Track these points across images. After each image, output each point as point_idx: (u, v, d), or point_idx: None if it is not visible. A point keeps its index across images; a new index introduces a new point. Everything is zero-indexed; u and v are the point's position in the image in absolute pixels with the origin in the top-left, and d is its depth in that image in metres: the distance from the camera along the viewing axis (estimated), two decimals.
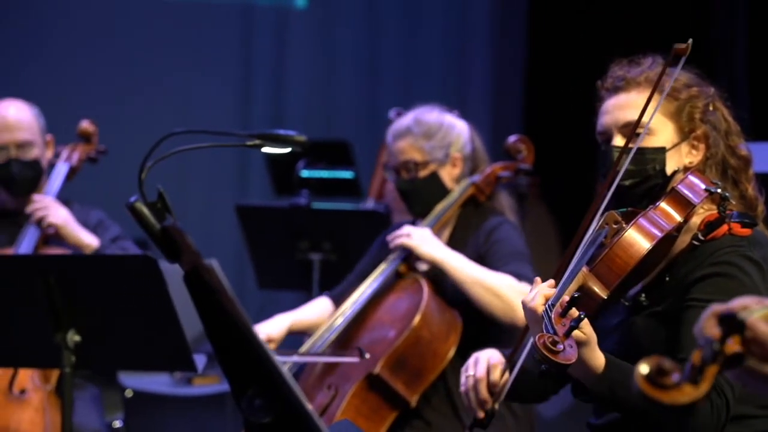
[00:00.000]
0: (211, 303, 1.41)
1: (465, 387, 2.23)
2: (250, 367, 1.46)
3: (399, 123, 3.09)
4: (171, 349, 2.62)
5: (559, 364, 1.78)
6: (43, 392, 3.07)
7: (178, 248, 1.44)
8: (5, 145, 3.33)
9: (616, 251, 1.96)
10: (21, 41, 6.40)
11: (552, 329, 1.81)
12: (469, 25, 6.84)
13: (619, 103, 2.16)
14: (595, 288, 1.95)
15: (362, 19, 6.82)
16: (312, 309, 3.18)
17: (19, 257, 3.04)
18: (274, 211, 4.19)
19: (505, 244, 2.94)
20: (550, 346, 1.77)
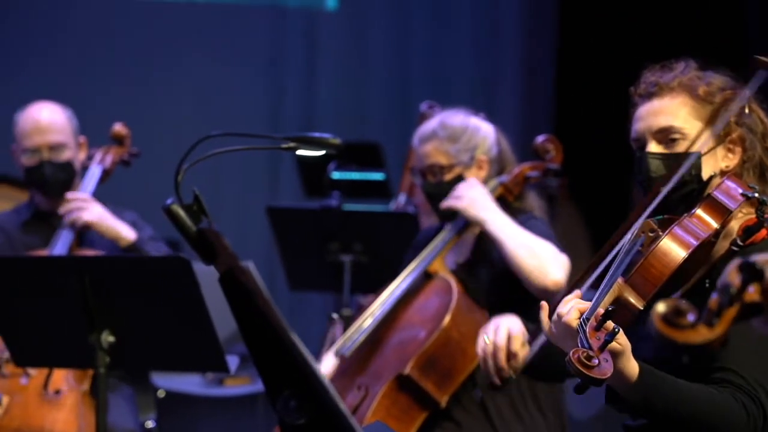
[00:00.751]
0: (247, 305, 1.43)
1: (483, 352, 2.23)
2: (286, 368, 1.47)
3: (425, 127, 3.10)
4: (204, 350, 2.64)
5: (594, 379, 1.76)
6: (78, 392, 3.10)
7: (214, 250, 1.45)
8: (38, 148, 3.37)
9: (651, 261, 1.95)
10: (55, 44, 6.46)
11: (587, 344, 1.80)
12: (499, 25, 6.83)
13: (652, 109, 2.14)
14: (631, 299, 1.94)
15: (392, 20, 6.83)
16: None
17: (55, 258, 3.08)
18: (305, 213, 4.21)
19: (536, 231, 2.94)
20: (585, 361, 1.76)
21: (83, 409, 3.05)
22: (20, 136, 3.40)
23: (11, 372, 3.09)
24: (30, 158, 3.38)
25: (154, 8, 6.69)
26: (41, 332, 2.71)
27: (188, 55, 6.64)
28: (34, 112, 3.40)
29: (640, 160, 2.14)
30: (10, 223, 3.48)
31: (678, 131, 2.11)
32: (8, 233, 3.45)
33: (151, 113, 6.33)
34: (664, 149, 2.11)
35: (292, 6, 6.76)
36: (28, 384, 3.08)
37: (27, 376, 3.09)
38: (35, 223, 3.47)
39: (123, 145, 3.64)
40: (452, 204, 2.95)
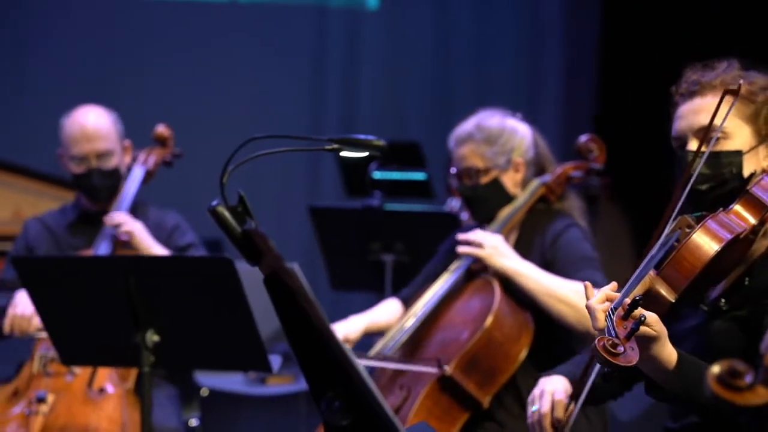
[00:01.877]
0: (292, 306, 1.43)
1: (530, 420, 2.29)
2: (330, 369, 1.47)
3: (461, 128, 3.08)
4: (247, 350, 2.66)
5: (618, 366, 1.77)
6: (122, 391, 3.12)
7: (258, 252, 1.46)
8: (85, 156, 3.39)
9: (683, 254, 1.94)
10: (99, 47, 6.52)
11: (613, 332, 1.81)
12: (541, 23, 6.80)
13: (693, 108, 2.14)
14: (663, 291, 1.94)
15: (434, 20, 6.82)
16: (383, 311, 3.20)
17: (101, 258, 3.11)
18: (347, 213, 4.22)
19: (573, 250, 2.92)
20: (610, 348, 1.78)
21: (127, 407, 3.08)
22: (67, 142, 3.42)
23: (57, 370, 3.12)
24: (78, 166, 3.40)
25: (196, 9, 6.74)
26: (87, 331, 2.74)
27: (230, 55, 6.68)
28: (80, 118, 3.42)
29: (680, 158, 2.13)
30: (56, 224, 3.52)
31: (720, 130, 2.09)
32: (54, 234, 3.49)
33: (193, 114, 6.37)
34: (705, 148, 2.10)
35: (333, 6, 6.78)
36: (73, 382, 3.12)
37: (72, 374, 3.13)
38: (81, 224, 3.51)
39: (166, 146, 3.67)
40: (473, 252, 2.94)
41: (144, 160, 3.58)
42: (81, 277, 2.69)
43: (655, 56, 5.73)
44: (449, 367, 2.80)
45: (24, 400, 3.06)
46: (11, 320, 3.14)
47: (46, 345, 3.13)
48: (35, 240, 3.48)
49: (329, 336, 1.42)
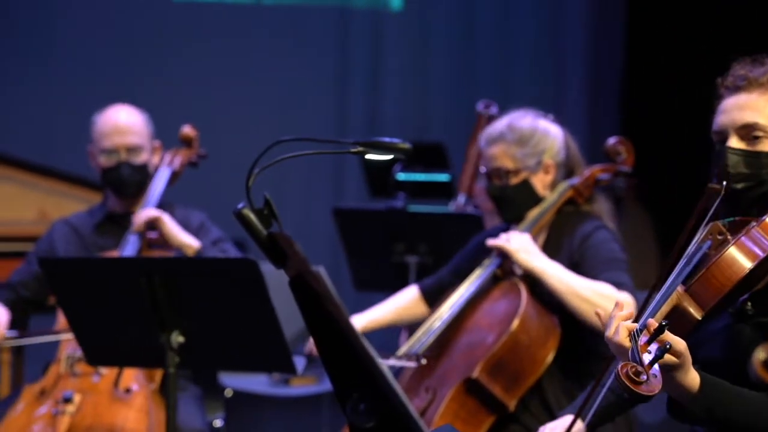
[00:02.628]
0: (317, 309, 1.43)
1: None
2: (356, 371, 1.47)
3: (493, 128, 3.07)
4: (271, 351, 2.66)
5: (641, 395, 1.73)
6: (147, 391, 3.14)
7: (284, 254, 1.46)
8: (116, 149, 3.42)
9: (713, 272, 1.89)
10: (125, 49, 6.56)
11: (638, 357, 1.76)
12: (566, 25, 6.77)
13: (738, 103, 2.07)
14: (690, 309, 1.89)
15: (457, 21, 6.81)
16: (392, 303, 3.19)
17: (126, 259, 3.12)
18: (371, 214, 4.22)
19: (601, 251, 2.90)
20: (633, 376, 1.73)
21: (153, 407, 3.09)
22: (98, 136, 3.44)
23: (83, 371, 3.14)
24: (108, 159, 3.43)
25: (221, 10, 6.77)
26: (113, 332, 2.75)
27: (254, 56, 6.70)
28: (112, 114, 3.45)
29: (719, 153, 2.06)
30: (83, 225, 3.54)
31: (762, 129, 2.04)
32: (81, 234, 3.51)
33: (217, 115, 6.39)
34: (746, 146, 2.05)
35: (357, 7, 6.78)
36: (100, 382, 3.13)
37: (98, 374, 3.14)
38: (108, 224, 3.52)
39: (191, 147, 3.68)
40: (502, 245, 2.93)
41: (170, 160, 3.60)
42: (106, 278, 2.70)
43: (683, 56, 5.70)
44: (475, 371, 2.80)
45: (51, 400, 3.08)
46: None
47: (73, 345, 3.14)
48: (60, 242, 3.49)
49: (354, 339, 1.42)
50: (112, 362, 2.99)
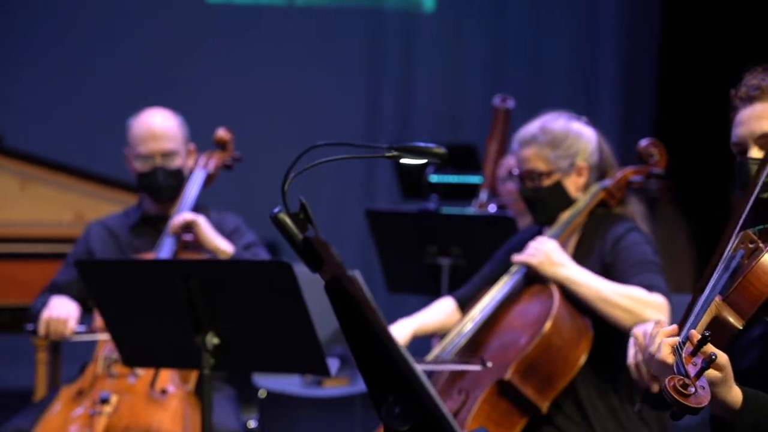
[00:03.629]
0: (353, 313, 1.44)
1: (634, 361, 2.22)
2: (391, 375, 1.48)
3: (525, 130, 3.07)
4: (305, 353, 2.68)
5: (690, 408, 1.71)
6: (183, 392, 3.16)
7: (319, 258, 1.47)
8: (151, 154, 3.44)
9: (750, 279, 1.88)
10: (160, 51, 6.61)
11: (683, 370, 1.75)
12: (599, 26, 6.75)
13: (754, 114, 2.07)
14: (730, 318, 1.87)
15: (489, 22, 6.81)
16: (435, 311, 3.20)
17: (163, 261, 3.15)
18: (404, 216, 4.23)
19: (633, 253, 2.89)
20: (681, 389, 1.71)
21: (188, 408, 3.12)
22: (133, 141, 3.47)
23: (120, 372, 3.17)
24: (143, 164, 3.46)
25: (253, 13, 6.81)
26: (149, 333, 2.78)
27: (287, 58, 6.73)
28: (147, 119, 3.47)
29: (740, 165, 2.07)
30: (119, 226, 3.57)
31: None
32: (117, 236, 3.54)
33: (250, 117, 6.43)
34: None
35: (389, 9, 6.80)
36: (136, 383, 3.16)
37: (135, 375, 3.17)
38: (143, 226, 3.56)
39: (226, 149, 3.71)
40: (526, 260, 2.93)
41: (205, 163, 3.63)
42: (142, 280, 2.73)
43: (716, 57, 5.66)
44: (508, 372, 2.80)
45: (88, 400, 3.11)
46: (46, 323, 3.21)
47: (110, 347, 3.18)
48: (96, 243, 3.53)
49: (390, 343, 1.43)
50: (147, 363, 3.02)
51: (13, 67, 6.53)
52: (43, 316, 3.23)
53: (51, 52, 6.59)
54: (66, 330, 3.20)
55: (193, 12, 6.71)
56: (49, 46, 6.59)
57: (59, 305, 3.23)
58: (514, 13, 6.82)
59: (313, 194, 6.41)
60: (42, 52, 6.58)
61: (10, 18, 6.54)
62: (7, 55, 6.53)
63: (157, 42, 6.64)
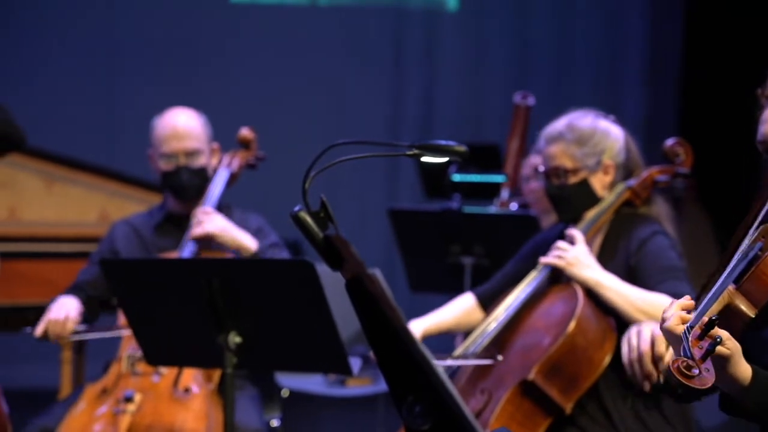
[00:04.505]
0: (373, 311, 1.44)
1: (628, 359, 2.24)
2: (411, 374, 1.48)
3: (552, 127, 3.06)
4: (328, 352, 2.68)
5: (693, 389, 1.75)
6: (206, 391, 3.17)
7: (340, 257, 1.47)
8: (175, 153, 3.46)
9: (763, 269, 1.89)
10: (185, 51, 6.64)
11: (689, 352, 1.78)
12: (624, 25, 6.72)
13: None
14: (742, 306, 1.89)
15: (513, 21, 6.79)
16: (452, 308, 3.18)
17: (185, 260, 3.16)
18: (426, 215, 4.23)
19: (658, 259, 2.87)
20: (684, 370, 1.75)
21: (211, 407, 3.12)
22: (157, 141, 3.49)
23: (143, 370, 3.18)
24: (167, 163, 3.47)
25: (276, 12, 6.82)
26: (172, 332, 2.79)
27: (309, 58, 6.74)
28: (171, 119, 3.49)
29: (766, 163, 2.08)
30: (143, 225, 3.59)
31: None
32: (142, 235, 3.56)
33: (274, 116, 6.44)
34: None
35: (413, 7, 6.79)
36: (160, 382, 3.17)
37: (158, 374, 3.18)
38: (167, 225, 3.57)
39: (249, 149, 3.72)
40: (554, 262, 2.92)
41: (228, 162, 3.64)
42: (166, 279, 2.74)
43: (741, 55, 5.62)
44: (531, 373, 2.79)
45: (112, 398, 3.13)
46: (45, 324, 3.21)
47: (134, 345, 3.19)
48: (121, 242, 3.55)
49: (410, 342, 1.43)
50: (171, 362, 3.03)
51: (38, 67, 6.58)
52: (43, 317, 3.24)
53: (76, 52, 6.63)
54: (64, 331, 3.20)
55: (216, 12, 6.74)
56: (74, 46, 6.63)
57: (58, 306, 3.24)
58: (538, 12, 6.79)
59: (335, 194, 6.41)
60: (67, 53, 6.63)
61: (37, 18, 6.59)
62: (33, 56, 6.58)
63: (182, 42, 6.67)
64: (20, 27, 6.54)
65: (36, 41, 6.58)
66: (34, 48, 6.58)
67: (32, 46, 6.58)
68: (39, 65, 6.57)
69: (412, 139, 6.69)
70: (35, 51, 6.58)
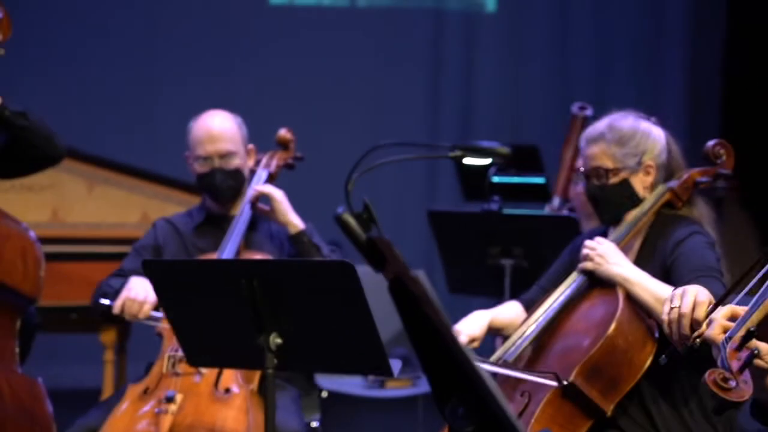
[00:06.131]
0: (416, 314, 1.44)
1: (668, 317, 2.24)
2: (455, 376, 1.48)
3: (593, 128, 3.05)
4: (368, 354, 2.67)
5: (730, 402, 1.73)
6: (246, 392, 3.18)
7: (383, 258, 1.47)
8: (210, 156, 3.49)
9: None
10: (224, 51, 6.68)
11: (726, 364, 1.77)
12: (663, 24, 6.67)
13: None
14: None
15: (552, 22, 6.76)
16: (507, 309, 3.20)
17: (227, 261, 3.18)
18: (466, 216, 4.22)
19: (693, 258, 2.84)
20: (721, 383, 1.73)
21: (251, 408, 3.14)
22: (193, 144, 3.53)
23: (185, 371, 3.21)
24: (202, 166, 3.51)
25: (315, 14, 6.84)
26: (213, 333, 2.80)
27: (348, 59, 6.75)
28: (206, 121, 3.53)
29: None
30: (184, 225, 3.62)
31: None
32: (182, 236, 3.59)
33: (312, 116, 6.46)
34: None
35: (451, 9, 6.79)
36: (201, 382, 3.19)
37: (199, 374, 3.20)
38: (207, 226, 3.60)
39: (288, 149, 3.75)
40: (585, 267, 2.92)
41: (267, 163, 3.67)
42: (207, 280, 2.75)
43: None
44: (572, 375, 2.77)
45: (154, 398, 3.15)
46: (123, 302, 3.26)
47: (175, 345, 3.21)
48: (164, 239, 3.58)
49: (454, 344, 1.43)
50: (212, 363, 3.04)
51: (79, 71, 6.65)
52: (122, 294, 3.28)
53: (118, 60, 6.70)
54: (141, 312, 3.25)
55: (256, 13, 6.77)
56: (114, 49, 6.70)
57: (139, 286, 3.28)
58: (577, 13, 6.76)
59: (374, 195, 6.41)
60: (108, 56, 6.69)
61: (78, 23, 6.66)
62: (74, 60, 6.65)
63: (221, 43, 6.71)
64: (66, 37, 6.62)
65: (80, 51, 6.66)
66: (75, 53, 6.66)
67: (72, 51, 6.65)
68: (82, 73, 6.65)
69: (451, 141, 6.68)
70: (75, 56, 6.65)
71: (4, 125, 3.37)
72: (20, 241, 3.37)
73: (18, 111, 3.37)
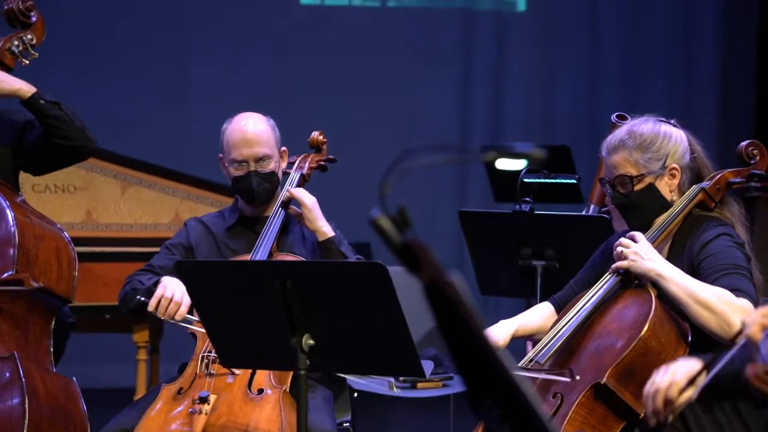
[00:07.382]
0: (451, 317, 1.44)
1: (646, 392, 2.28)
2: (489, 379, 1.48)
3: (613, 136, 3.03)
4: (400, 355, 2.69)
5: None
6: (279, 393, 3.20)
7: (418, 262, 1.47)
8: (245, 159, 3.51)
9: None
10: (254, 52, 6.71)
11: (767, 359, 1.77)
12: (695, 25, 6.63)
13: None
14: None
15: (583, 22, 6.74)
16: (535, 313, 3.19)
17: (260, 262, 3.20)
18: (497, 217, 4.20)
19: (721, 256, 2.83)
20: (763, 377, 1.73)
21: (284, 408, 3.15)
22: (227, 147, 3.54)
23: (218, 371, 3.23)
24: (237, 169, 3.52)
25: (346, 14, 6.86)
26: (246, 334, 2.82)
27: (379, 59, 6.77)
28: (240, 124, 3.54)
29: None
30: (216, 226, 3.64)
31: None
32: (215, 236, 3.61)
33: (343, 118, 6.48)
34: None
35: (482, 9, 6.78)
36: (234, 383, 3.21)
37: (233, 375, 3.22)
38: (239, 227, 3.62)
39: (321, 151, 3.76)
40: (619, 265, 2.92)
41: (299, 165, 3.69)
42: (240, 281, 2.77)
43: None
44: (604, 376, 2.77)
45: (188, 399, 3.17)
46: (158, 300, 3.21)
47: (208, 346, 3.23)
48: (196, 239, 3.60)
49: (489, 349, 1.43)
50: (244, 364, 3.06)
51: (112, 75, 6.70)
52: (157, 292, 3.24)
53: (148, 58, 6.74)
54: (177, 314, 3.22)
55: (287, 13, 6.80)
56: (145, 53, 6.75)
57: (175, 286, 3.24)
58: (608, 13, 6.73)
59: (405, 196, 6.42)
60: (139, 59, 6.74)
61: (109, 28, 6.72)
62: (107, 64, 6.71)
63: (252, 44, 6.74)
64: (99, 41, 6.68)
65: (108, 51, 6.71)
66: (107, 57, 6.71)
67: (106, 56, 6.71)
68: (112, 74, 6.70)
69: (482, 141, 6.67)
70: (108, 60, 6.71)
71: (39, 114, 3.39)
72: (55, 242, 3.40)
73: (52, 101, 3.40)
